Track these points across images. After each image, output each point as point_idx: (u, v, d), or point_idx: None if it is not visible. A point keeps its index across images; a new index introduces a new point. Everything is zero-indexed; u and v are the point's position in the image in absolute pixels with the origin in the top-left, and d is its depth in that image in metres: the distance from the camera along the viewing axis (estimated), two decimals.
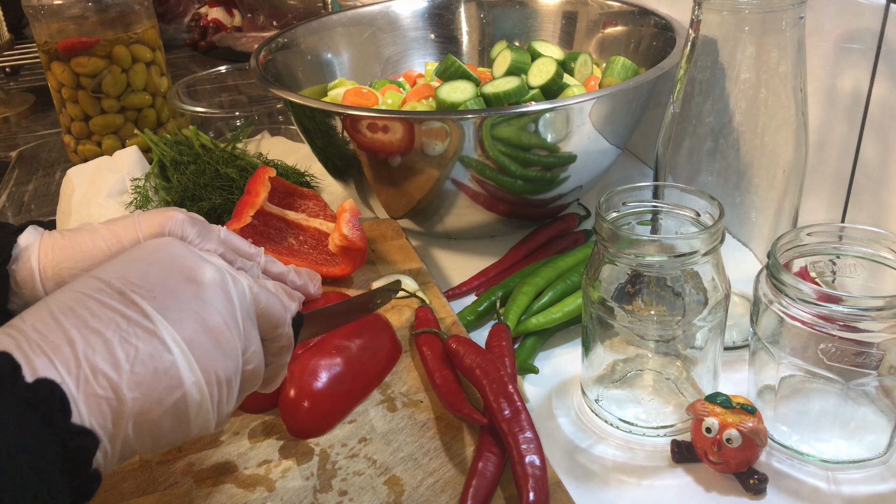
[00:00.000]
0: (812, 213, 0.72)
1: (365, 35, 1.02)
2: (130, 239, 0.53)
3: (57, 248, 0.53)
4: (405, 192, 0.78)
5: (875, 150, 0.65)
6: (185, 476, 0.52)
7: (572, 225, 0.84)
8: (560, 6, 1.01)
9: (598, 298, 0.55)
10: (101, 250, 0.53)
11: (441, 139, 0.70)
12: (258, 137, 1.16)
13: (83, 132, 1.08)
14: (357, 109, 0.76)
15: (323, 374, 0.56)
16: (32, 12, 1.02)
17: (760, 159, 0.59)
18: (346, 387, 0.57)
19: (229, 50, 1.61)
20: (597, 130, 0.74)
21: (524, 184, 0.75)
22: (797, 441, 0.55)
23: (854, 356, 0.50)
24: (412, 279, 0.71)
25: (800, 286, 0.50)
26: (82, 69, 1.03)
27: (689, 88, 0.60)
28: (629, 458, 0.56)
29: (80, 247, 0.53)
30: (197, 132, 0.93)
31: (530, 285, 0.71)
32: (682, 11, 0.87)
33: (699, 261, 0.52)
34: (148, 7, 1.07)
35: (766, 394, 0.56)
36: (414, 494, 0.50)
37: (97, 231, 0.53)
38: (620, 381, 0.61)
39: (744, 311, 0.66)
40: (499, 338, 0.62)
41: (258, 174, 0.72)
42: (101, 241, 0.53)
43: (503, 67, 0.88)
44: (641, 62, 0.89)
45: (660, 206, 0.58)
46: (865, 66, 0.64)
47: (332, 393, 0.55)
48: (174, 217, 0.54)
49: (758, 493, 0.52)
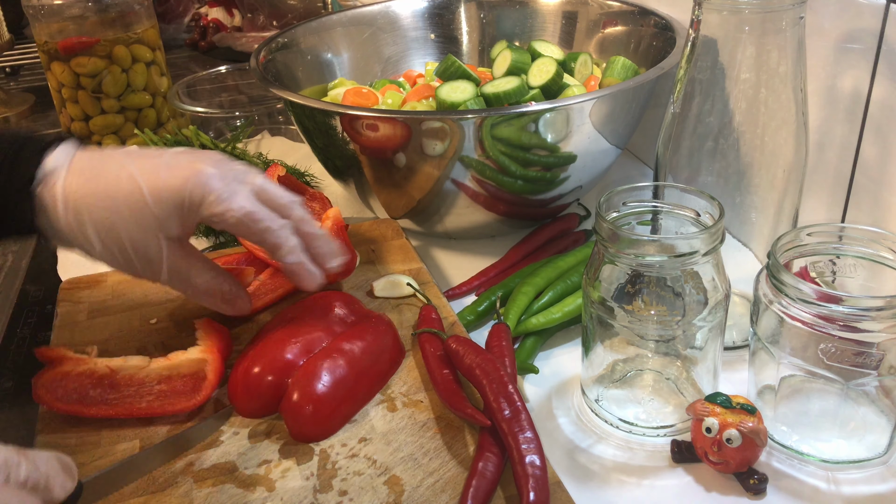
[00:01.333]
0: (812, 213, 0.72)
1: (365, 35, 1.02)
2: (151, 188, 0.53)
3: (82, 181, 0.53)
4: (405, 192, 0.78)
5: (875, 150, 0.65)
6: (184, 476, 0.52)
7: (572, 225, 0.84)
8: (560, 6, 1.01)
9: (598, 298, 0.55)
10: (122, 197, 0.53)
11: (441, 139, 0.70)
12: (258, 137, 1.16)
13: (83, 132, 1.08)
14: (357, 109, 0.76)
15: (326, 377, 0.56)
16: (32, 12, 1.02)
17: (760, 159, 0.59)
18: (349, 390, 0.56)
19: (229, 50, 1.61)
20: (597, 130, 0.74)
21: (524, 184, 0.75)
22: (797, 441, 0.55)
23: (854, 356, 0.50)
24: (412, 279, 0.71)
25: (800, 286, 0.50)
26: (82, 69, 1.03)
27: (689, 88, 0.60)
28: (629, 458, 0.56)
29: (103, 186, 0.53)
30: (197, 132, 0.93)
31: (530, 285, 0.71)
32: (682, 11, 0.87)
33: (699, 261, 0.52)
34: (148, 7, 1.07)
35: (766, 394, 0.56)
36: (414, 494, 0.50)
37: (123, 170, 0.53)
38: (620, 381, 0.61)
39: (744, 311, 0.66)
40: (499, 338, 0.62)
41: (268, 172, 0.72)
42: (124, 185, 0.53)
43: (503, 67, 0.88)
44: (641, 62, 0.89)
45: (660, 206, 0.58)
46: (865, 66, 0.64)
47: (336, 397, 0.55)
48: (199, 174, 0.53)
49: (758, 493, 0.52)
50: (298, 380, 0.55)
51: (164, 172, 0.54)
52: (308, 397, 0.54)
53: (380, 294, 0.70)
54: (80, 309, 0.69)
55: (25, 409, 0.66)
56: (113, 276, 0.73)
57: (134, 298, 0.70)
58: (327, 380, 0.55)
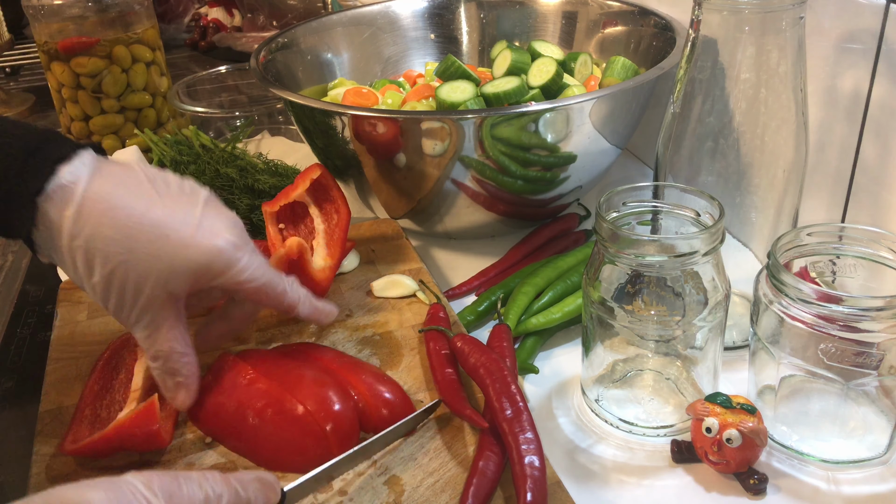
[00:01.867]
0: (812, 213, 0.72)
1: (365, 35, 1.02)
2: (176, 247, 0.49)
3: (101, 209, 0.47)
4: (405, 192, 0.78)
5: (875, 150, 0.65)
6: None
7: (572, 225, 0.84)
8: (560, 6, 1.01)
9: (598, 298, 0.55)
10: (142, 243, 0.48)
11: (441, 139, 0.70)
12: (258, 137, 1.16)
13: (83, 132, 1.08)
14: (357, 109, 0.76)
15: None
16: (32, 12, 1.02)
17: (760, 159, 0.59)
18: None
19: (229, 50, 1.61)
20: (597, 130, 0.74)
21: (524, 184, 0.75)
22: (797, 441, 0.55)
23: (854, 356, 0.50)
24: (412, 279, 0.71)
25: (800, 286, 0.50)
26: (82, 69, 1.03)
27: (689, 88, 0.60)
28: (629, 458, 0.56)
29: (123, 223, 0.47)
30: (197, 132, 0.93)
31: (530, 285, 0.71)
32: (682, 11, 0.87)
33: (699, 261, 0.52)
34: (148, 7, 1.07)
35: (766, 394, 0.56)
36: (414, 494, 0.50)
37: (149, 213, 0.49)
38: (620, 381, 0.61)
39: (744, 311, 0.66)
40: (500, 338, 0.62)
41: (306, 170, 0.72)
42: (147, 230, 0.48)
43: (503, 67, 0.88)
44: (641, 62, 0.89)
45: (660, 206, 0.58)
46: (865, 66, 0.64)
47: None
48: (228, 247, 0.51)
49: (758, 493, 0.52)
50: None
51: (194, 233, 0.50)
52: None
53: (379, 294, 0.70)
54: (80, 309, 0.69)
55: (25, 409, 0.66)
56: None
57: None
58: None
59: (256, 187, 0.84)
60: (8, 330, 0.78)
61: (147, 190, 0.50)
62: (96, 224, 0.48)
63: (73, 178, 0.47)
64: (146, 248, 0.49)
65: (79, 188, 0.48)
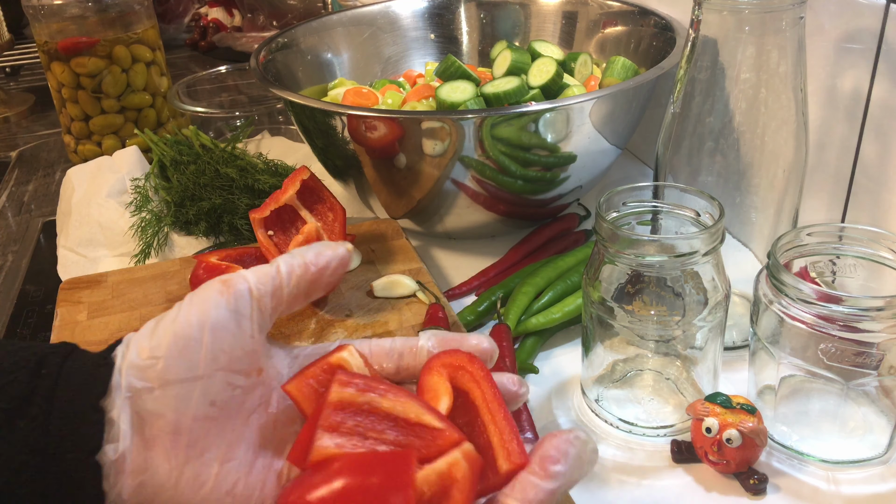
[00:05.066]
0: (812, 213, 0.72)
1: (365, 35, 1.02)
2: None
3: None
4: (405, 192, 0.78)
5: (875, 150, 0.65)
6: None
7: (572, 225, 0.84)
8: (560, 6, 1.01)
9: (598, 298, 0.55)
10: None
11: (441, 139, 0.70)
12: (258, 137, 1.16)
13: (83, 132, 1.08)
14: (357, 109, 0.76)
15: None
16: (32, 12, 1.02)
17: (760, 159, 0.59)
18: None
19: (229, 50, 1.61)
20: (597, 130, 0.74)
21: (524, 184, 0.75)
22: (797, 441, 0.55)
23: (854, 356, 0.50)
24: (412, 279, 0.71)
25: (800, 286, 0.50)
26: (82, 69, 1.03)
27: (689, 88, 0.60)
28: (629, 458, 0.56)
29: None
30: (197, 132, 0.93)
31: (530, 285, 0.71)
32: (682, 11, 0.87)
33: (699, 261, 0.52)
34: (148, 7, 1.07)
35: (766, 394, 0.56)
36: None
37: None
38: (620, 381, 0.61)
39: (744, 311, 0.66)
40: (499, 338, 0.62)
41: (295, 173, 0.72)
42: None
43: (503, 67, 0.88)
44: (641, 62, 0.89)
45: (660, 206, 0.58)
46: (865, 66, 0.64)
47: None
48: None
49: (758, 493, 0.52)
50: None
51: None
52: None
53: (379, 294, 0.70)
54: (79, 309, 0.69)
55: None
56: (113, 276, 0.74)
57: (134, 298, 0.70)
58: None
59: (256, 187, 0.84)
60: (8, 330, 0.78)
61: (204, 471, 0.39)
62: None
63: (118, 451, 0.37)
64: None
65: (126, 469, 0.37)
